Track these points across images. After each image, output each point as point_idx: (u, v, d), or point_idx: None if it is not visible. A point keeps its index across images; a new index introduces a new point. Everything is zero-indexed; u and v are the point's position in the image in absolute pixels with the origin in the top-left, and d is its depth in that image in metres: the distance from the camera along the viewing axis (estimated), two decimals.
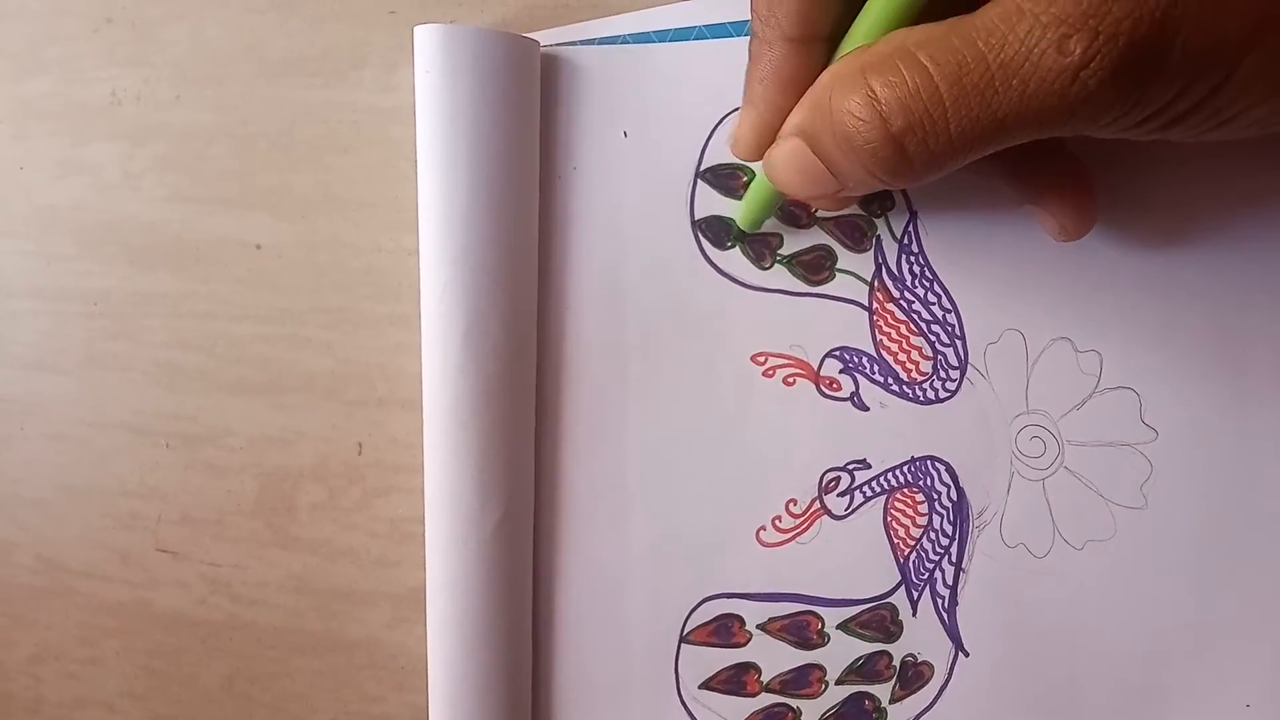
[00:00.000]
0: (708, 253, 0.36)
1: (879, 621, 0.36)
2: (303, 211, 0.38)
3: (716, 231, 0.36)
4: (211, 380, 0.39)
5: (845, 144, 0.27)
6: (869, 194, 0.32)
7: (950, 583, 0.35)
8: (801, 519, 0.36)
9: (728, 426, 0.36)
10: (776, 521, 0.36)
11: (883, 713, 0.36)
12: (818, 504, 0.36)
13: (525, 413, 0.36)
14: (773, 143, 0.31)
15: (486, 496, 0.35)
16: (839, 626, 0.36)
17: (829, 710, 0.36)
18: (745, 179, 0.35)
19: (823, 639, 0.36)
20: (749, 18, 0.30)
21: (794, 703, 0.36)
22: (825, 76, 0.28)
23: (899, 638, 0.36)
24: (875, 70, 0.26)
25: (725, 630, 0.36)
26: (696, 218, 0.36)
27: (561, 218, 0.36)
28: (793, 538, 0.36)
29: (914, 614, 0.35)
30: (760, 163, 0.32)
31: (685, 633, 0.37)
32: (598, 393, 0.36)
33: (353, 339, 0.38)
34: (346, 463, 0.39)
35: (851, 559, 0.36)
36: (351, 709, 0.39)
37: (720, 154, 0.36)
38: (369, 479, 0.39)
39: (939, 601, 0.35)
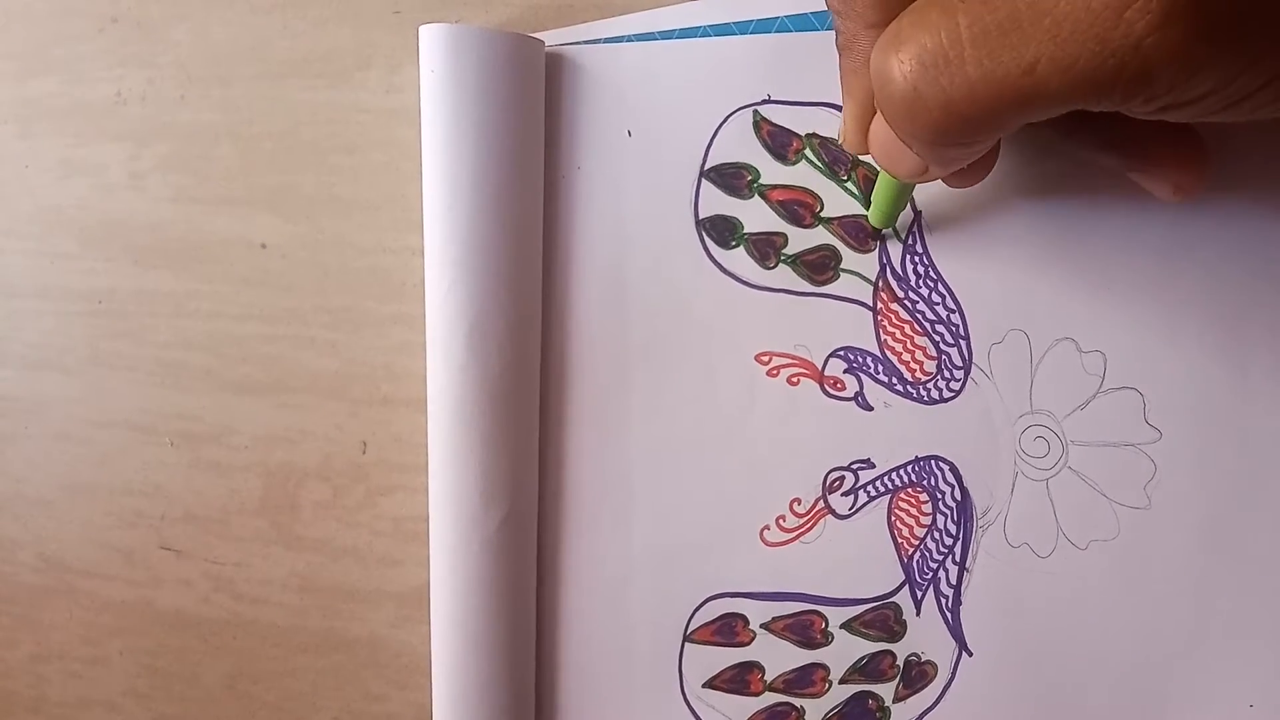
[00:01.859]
0: (712, 252, 0.36)
1: (883, 621, 0.36)
2: (307, 212, 0.38)
3: (720, 231, 0.36)
4: (216, 379, 0.39)
5: (882, 102, 0.25)
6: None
7: (954, 582, 0.35)
8: (805, 518, 0.36)
9: (731, 426, 0.36)
10: (780, 521, 0.36)
11: (886, 712, 0.36)
12: (821, 503, 0.36)
13: (529, 412, 0.36)
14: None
15: (490, 495, 0.35)
16: (843, 626, 0.36)
17: (832, 709, 0.36)
18: (749, 178, 0.35)
19: (826, 638, 0.36)
20: (826, 8, 0.29)
21: (798, 702, 0.36)
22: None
23: (903, 637, 0.36)
24: (909, 17, 0.24)
25: (728, 629, 0.36)
26: (701, 217, 0.36)
27: (566, 217, 0.36)
28: (796, 537, 0.36)
29: (918, 614, 0.35)
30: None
31: (689, 632, 0.37)
32: (601, 392, 0.36)
33: (357, 338, 0.38)
34: (351, 461, 0.39)
35: (855, 558, 0.36)
36: (355, 708, 0.39)
37: (724, 153, 0.36)
38: (373, 478, 0.39)
39: (943, 601, 0.35)
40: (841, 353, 0.35)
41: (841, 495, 0.36)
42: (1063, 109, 0.23)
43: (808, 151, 0.35)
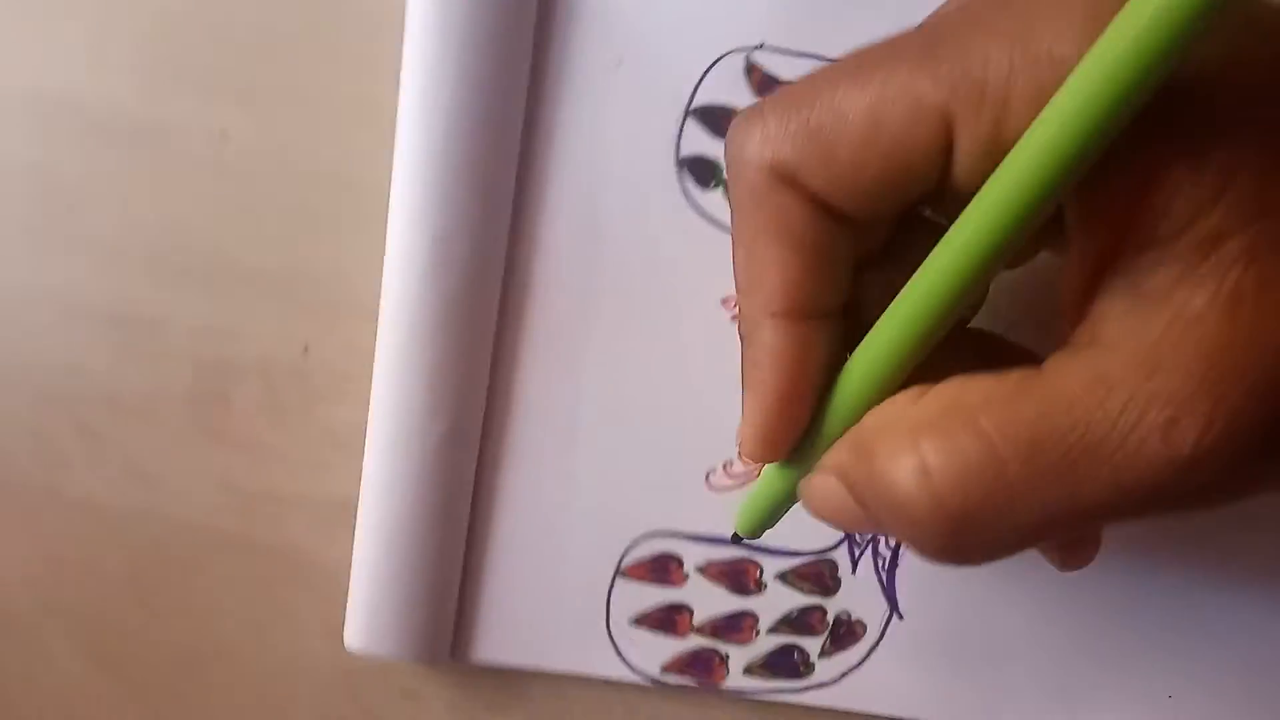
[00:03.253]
0: (690, 192, 0.36)
1: (818, 575, 0.36)
2: (275, 105, 0.37)
3: (700, 172, 0.36)
4: (157, 264, 0.38)
5: (890, 513, 0.22)
6: None
7: (893, 545, 0.35)
8: (753, 467, 0.35)
9: (689, 367, 0.36)
10: (727, 467, 0.36)
11: (810, 666, 0.36)
12: None
13: (485, 328, 0.35)
14: (775, 447, 0.25)
15: (435, 407, 0.35)
16: (778, 576, 0.36)
17: (757, 659, 0.36)
18: None
19: (760, 587, 0.36)
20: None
21: (723, 648, 0.36)
22: (871, 419, 0.24)
23: (835, 593, 0.36)
24: (929, 433, 0.21)
25: (662, 569, 0.36)
26: (682, 155, 0.36)
27: (544, 140, 0.36)
28: (742, 484, 0.36)
29: (853, 571, 0.35)
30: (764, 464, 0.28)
31: (621, 567, 0.36)
32: (561, 317, 0.36)
33: (312, 239, 0.37)
34: (290, 364, 0.38)
35: (798, 511, 0.35)
36: (261, 615, 0.38)
37: (712, 95, 0.36)
38: (311, 383, 0.38)
39: (879, 562, 0.35)
40: None
41: None
42: None
43: None
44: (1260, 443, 0.19)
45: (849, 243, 0.23)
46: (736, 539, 0.31)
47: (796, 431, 0.25)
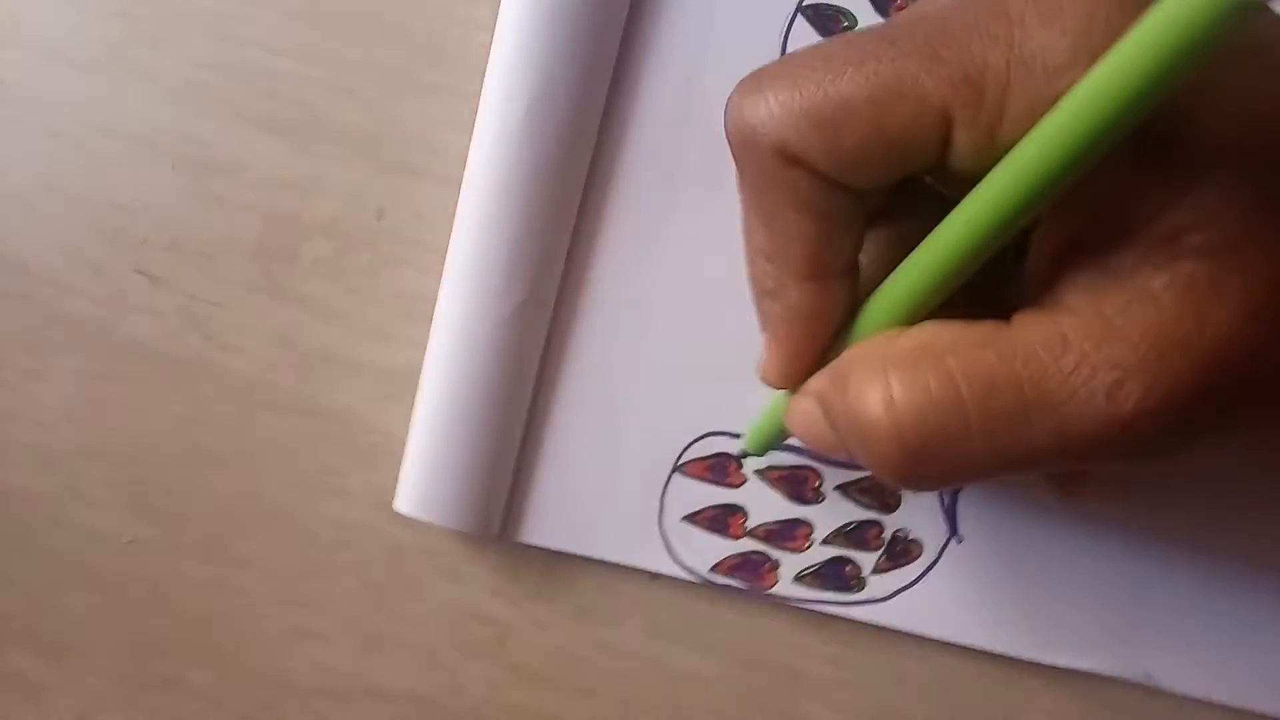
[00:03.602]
0: None
1: (879, 491, 0.35)
2: None
3: None
4: (238, 109, 0.37)
5: (856, 436, 0.25)
6: None
7: None
8: None
9: None
10: None
11: (862, 581, 0.35)
12: None
13: (569, 203, 0.35)
14: (798, 379, 0.28)
15: (513, 277, 0.34)
16: (837, 488, 0.35)
17: (809, 568, 0.35)
18: (845, 24, 0.35)
19: (818, 496, 0.35)
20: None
21: (774, 553, 0.35)
22: (851, 351, 0.26)
23: (895, 511, 0.35)
24: (898, 366, 0.24)
25: (721, 469, 0.35)
26: (787, 51, 0.35)
27: (650, 18, 0.35)
28: None
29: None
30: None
31: (680, 462, 0.35)
32: (646, 203, 0.35)
33: (399, 101, 0.37)
34: (363, 225, 0.37)
35: None
36: (308, 477, 0.37)
37: None
38: (383, 246, 0.37)
39: None
40: None
41: None
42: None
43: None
44: (1196, 412, 0.22)
45: (859, 208, 0.26)
46: (745, 455, 0.34)
47: (813, 368, 0.28)
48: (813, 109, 0.24)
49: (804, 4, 0.35)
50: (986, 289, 0.27)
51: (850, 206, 0.25)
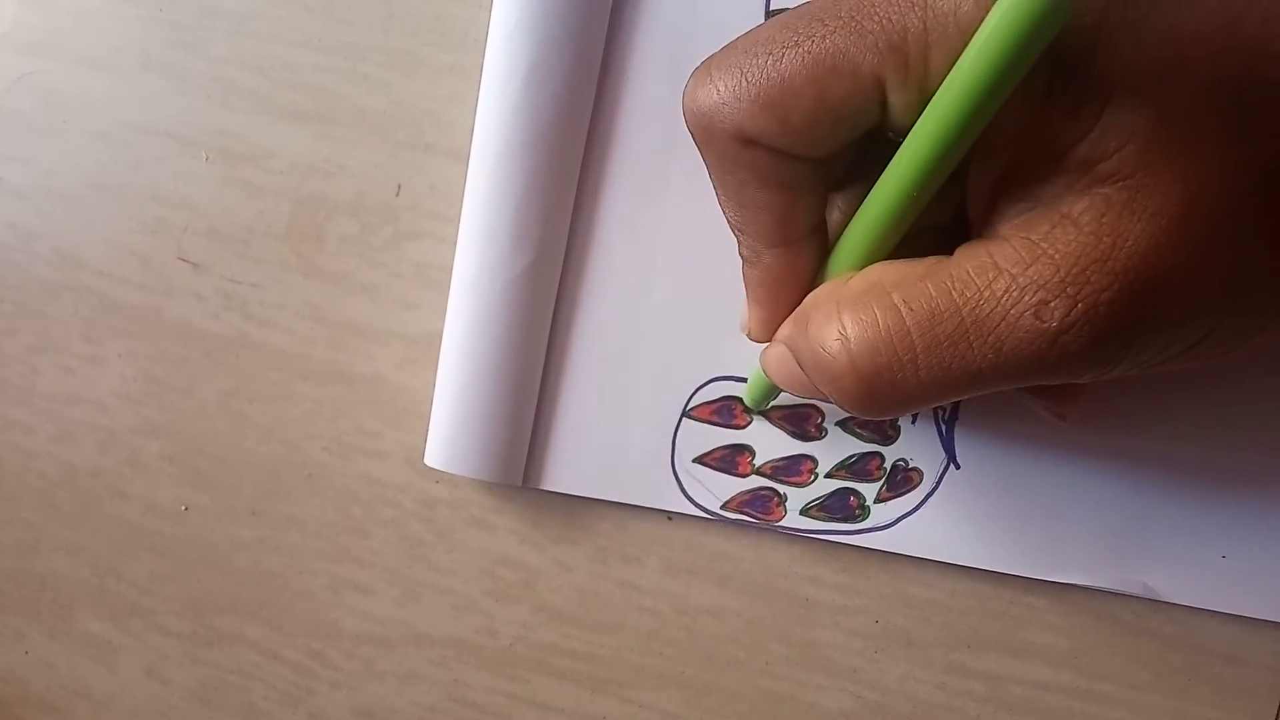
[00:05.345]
0: None
1: (878, 424, 0.37)
2: None
3: None
4: (262, 101, 0.40)
5: (819, 373, 0.27)
6: None
7: None
8: None
9: None
10: None
11: (865, 510, 0.37)
12: None
13: (572, 164, 0.37)
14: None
15: (521, 238, 0.36)
16: (838, 423, 0.37)
17: (814, 500, 0.37)
18: None
19: (820, 432, 0.37)
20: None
21: (781, 489, 0.37)
22: (810, 297, 0.29)
23: (895, 441, 0.37)
24: (849, 305, 0.26)
25: (727, 411, 0.37)
26: (772, 8, 0.37)
27: None
28: None
29: (913, 421, 0.36)
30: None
31: (689, 407, 0.37)
32: (646, 159, 0.37)
33: (410, 82, 0.39)
34: (383, 202, 0.39)
35: None
36: (345, 440, 0.40)
37: None
38: (402, 220, 0.39)
39: (940, 413, 0.36)
40: None
41: None
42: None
43: None
44: (1118, 325, 0.23)
45: (818, 173, 0.28)
46: (748, 411, 0.37)
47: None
48: (760, 94, 0.26)
49: None
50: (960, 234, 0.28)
51: (809, 174, 0.27)
